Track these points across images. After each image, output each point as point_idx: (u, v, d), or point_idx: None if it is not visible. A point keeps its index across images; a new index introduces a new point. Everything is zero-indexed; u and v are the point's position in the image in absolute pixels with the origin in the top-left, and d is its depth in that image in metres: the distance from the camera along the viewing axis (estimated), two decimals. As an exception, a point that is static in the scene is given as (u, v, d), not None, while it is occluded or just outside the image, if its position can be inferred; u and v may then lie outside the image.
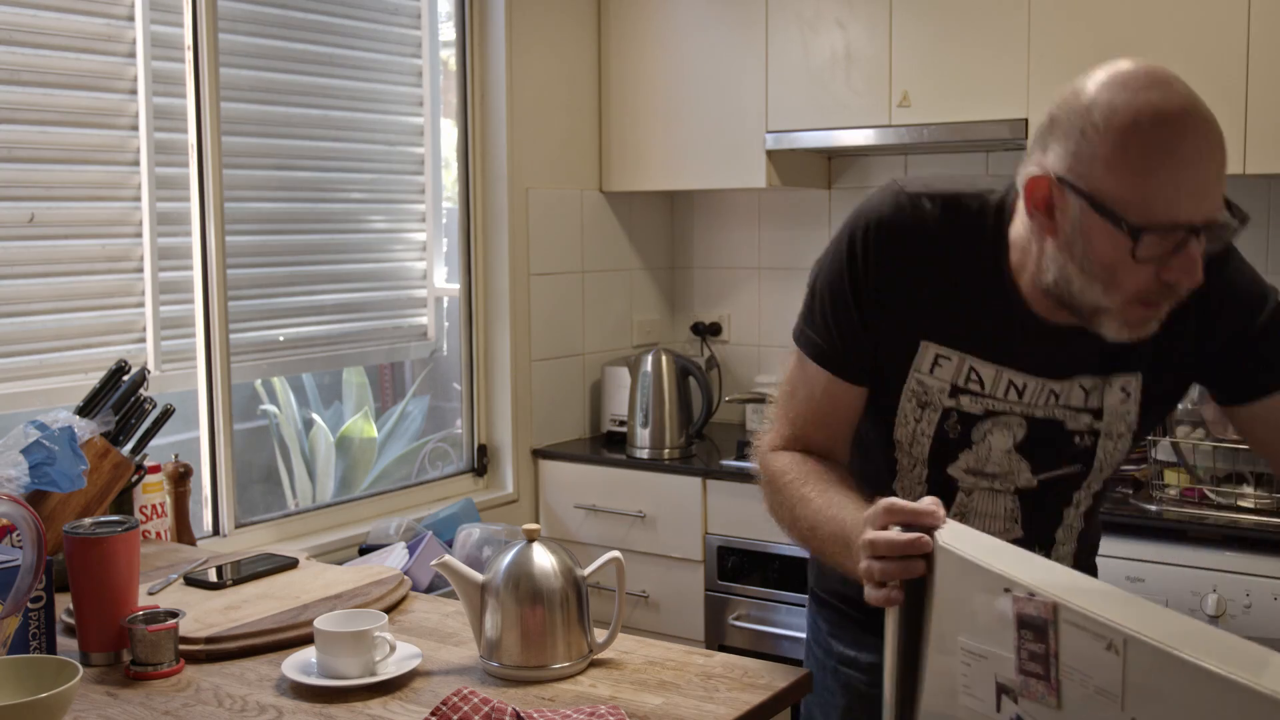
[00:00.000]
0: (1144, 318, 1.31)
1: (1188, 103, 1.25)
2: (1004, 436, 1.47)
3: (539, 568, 1.51)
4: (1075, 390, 1.45)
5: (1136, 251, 1.22)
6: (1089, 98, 1.29)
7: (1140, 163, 1.22)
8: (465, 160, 3.31)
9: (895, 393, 1.48)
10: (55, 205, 2.39)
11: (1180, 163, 1.21)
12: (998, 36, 2.88)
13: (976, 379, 1.45)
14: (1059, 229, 1.29)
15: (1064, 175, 1.27)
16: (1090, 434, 1.46)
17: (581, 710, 1.30)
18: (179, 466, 2.34)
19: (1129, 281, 1.26)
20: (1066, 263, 1.29)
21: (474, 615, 1.53)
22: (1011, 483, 1.49)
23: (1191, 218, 1.22)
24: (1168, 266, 1.24)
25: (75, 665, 1.33)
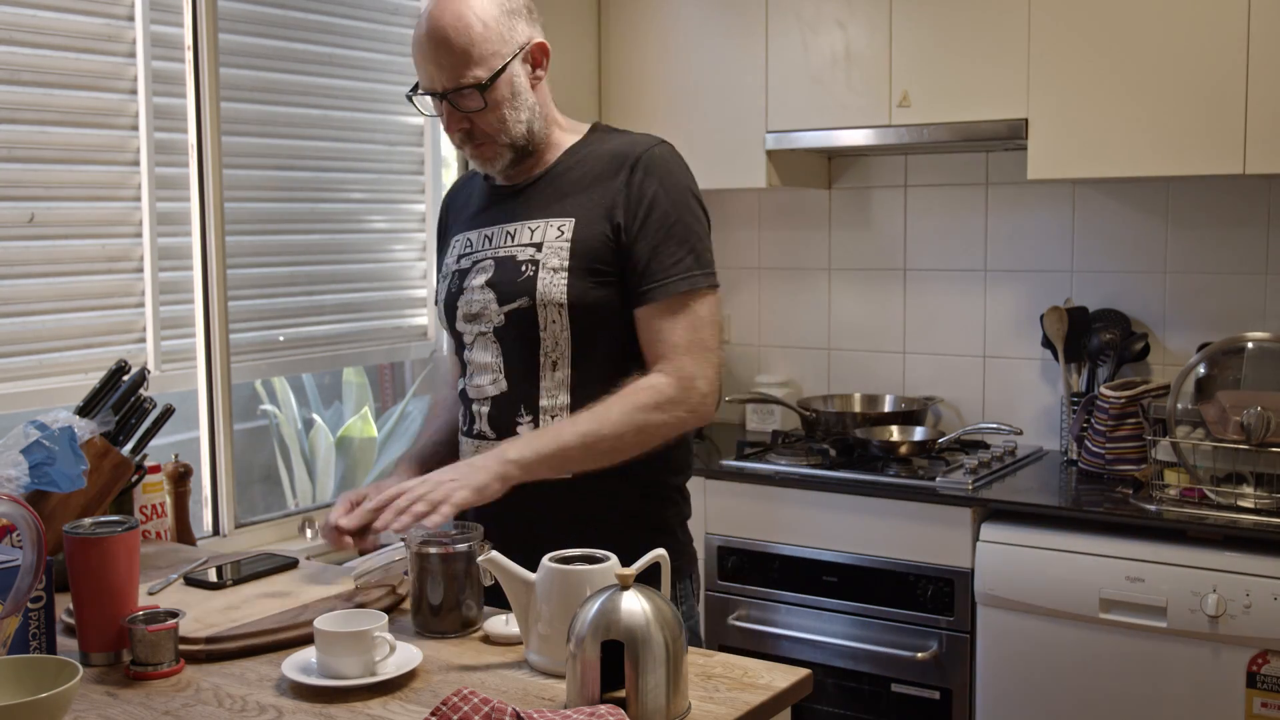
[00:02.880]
0: (474, 155, 1.87)
1: (434, 12, 1.79)
2: (480, 276, 1.87)
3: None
4: (524, 230, 1.86)
5: (418, 110, 1.93)
6: None
7: (412, 57, 1.85)
8: (465, 160, 3.31)
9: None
10: (55, 205, 2.39)
11: (418, 55, 1.81)
12: (998, 36, 2.88)
13: (469, 244, 1.92)
14: None
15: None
16: (532, 264, 1.81)
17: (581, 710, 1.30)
18: (179, 466, 2.34)
19: (444, 129, 1.85)
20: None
21: (520, 612, 1.54)
22: (489, 321, 1.84)
23: (429, 87, 1.82)
24: (441, 118, 1.84)
25: (75, 665, 1.33)
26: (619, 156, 1.85)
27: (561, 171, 1.88)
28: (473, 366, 1.89)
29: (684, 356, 1.79)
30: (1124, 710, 2.53)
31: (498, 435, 1.84)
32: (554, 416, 1.81)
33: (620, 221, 1.80)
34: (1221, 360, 2.68)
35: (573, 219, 1.83)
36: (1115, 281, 3.14)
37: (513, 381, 1.84)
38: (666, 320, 1.80)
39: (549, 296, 1.79)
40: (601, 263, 1.80)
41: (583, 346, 1.81)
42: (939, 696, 2.76)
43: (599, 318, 1.80)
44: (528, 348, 1.82)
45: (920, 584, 2.77)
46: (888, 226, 3.43)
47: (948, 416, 3.38)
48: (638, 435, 1.77)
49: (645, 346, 1.82)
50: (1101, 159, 2.78)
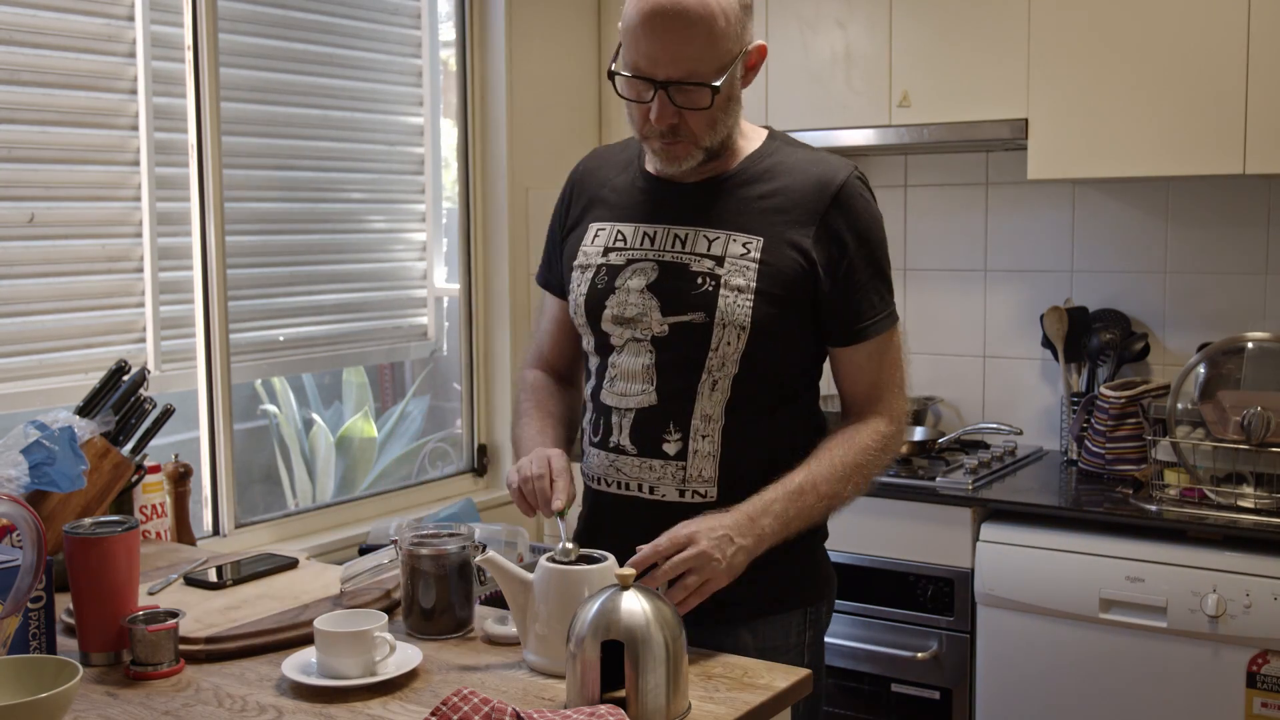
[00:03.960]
0: (664, 151, 1.69)
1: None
2: (639, 279, 1.73)
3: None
4: (700, 239, 1.72)
5: (616, 89, 1.69)
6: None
7: (624, 32, 1.65)
8: (465, 160, 3.31)
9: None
10: (55, 205, 2.39)
11: (644, 34, 1.61)
12: (998, 36, 2.88)
13: (622, 238, 1.77)
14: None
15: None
16: (711, 278, 1.69)
17: (581, 710, 1.30)
18: (179, 466, 2.34)
19: (634, 116, 1.69)
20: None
21: (518, 613, 1.53)
22: (647, 329, 1.71)
23: (649, 72, 1.62)
24: (645, 106, 1.65)
25: (75, 665, 1.33)
26: (817, 181, 1.71)
27: (745, 181, 1.74)
28: (616, 371, 1.75)
29: (895, 397, 1.77)
30: (1124, 710, 2.53)
31: (639, 451, 1.73)
32: (705, 437, 1.70)
33: (818, 255, 1.69)
34: (1221, 360, 2.68)
35: (761, 238, 1.69)
36: (1115, 281, 3.14)
37: (664, 395, 1.71)
38: (875, 360, 1.75)
39: (731, 317, 1.67)
40: (788, 289, 1.69)
41: (749, 370, 1.70)
42: (939, 696, 2.76)
43: (774, 343, 1.70)
44: (690, 363, 1.70)
45: (920, 584, 2.77)
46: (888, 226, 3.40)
47: (948, 416, 3.38)
48: (866, 485, 1.73)
49: (851, 384, 1.77)
50: (1101, 159, 2.78)
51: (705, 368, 1.70)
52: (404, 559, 1.66)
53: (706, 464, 1.71)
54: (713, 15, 1.59)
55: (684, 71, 1.61)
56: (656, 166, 1.76)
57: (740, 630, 1.73)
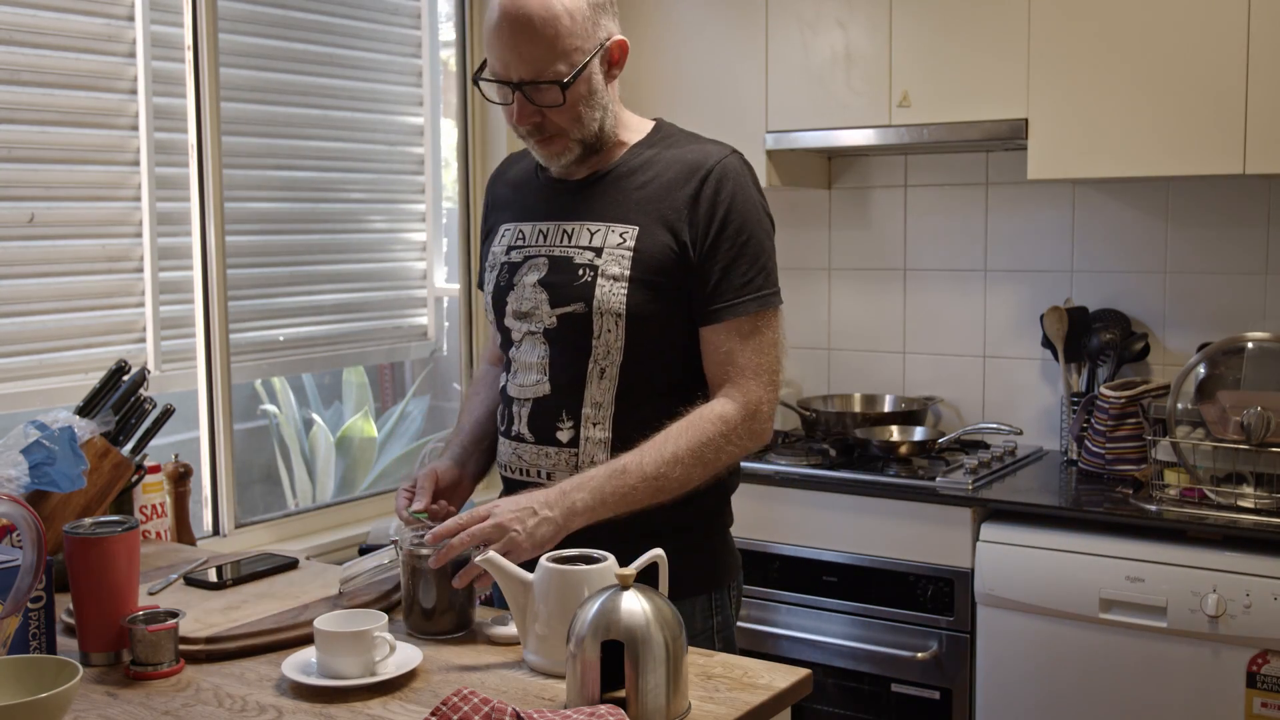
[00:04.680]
0: (540, 148, 1.79)
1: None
2: (533, 274, 1.81)
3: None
4: (583, 232, 1.79)
5: (483, 95, 1.83)
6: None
7: (484, 40, 1.74)
8: (465, 160, 3.31)
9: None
10: (55, 205, 2.39)
11: (495, 40, 1.71)
12: (998, 36, 2.88)
13: (521, 236, 1.86)
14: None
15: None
16: (590, 269, 1.76)
17: (581, 710, 1.30)
18: (179, 466, 2.34)
19: (506, 118, 1.77)
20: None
21: (518, 613, 1.54)
22: (540, 321, 1.79)
23: (504, 75, 1.72)
24: (510, 108, 1.75)
25: (75, 665, 1.33)
26: (689, 166, 1.78)
27: (625, 173, 1.81)
28: (517, 365, 1.83)
29: (751, 381, 1.75)
30: (1124, 710, 2.53)
31: (535, 439, 1.80)
32: (595, 424, 1.77)
33: (688, 236, 1.75)
34: (1221, 360, 2.68)
35: (636, 227, 1.76)
36: (1115, 281, 3.14)
37: (557, 385, 1.79)
38: (735, 342, 1.76)
39: (607, 305, 1.73)
40: (663, 275, 1.74)
41: (634, 356, 1.75)
42: (939, 696, 2.76)
43: (654, 329, 1.75)
44: (577, 353, 1.77)
45: (920, 584, 2.77)
46: (888, 226, 3.43)
47: (948, 416, 3.38)
48: (703, 470, 1.73)
49: (710, 365, 1.78)
50: (1101, 159, 2.78)
51: (591, 356, 1.76)
52: (404, 559, 1.66)
53: (598, 450, 1.77)
54: (555, 16, 1.68)
55: (533, 71, 1.70)
56: (541, 162, 1.85)
57: None
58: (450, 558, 1.60)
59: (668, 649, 1.34)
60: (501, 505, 1.63)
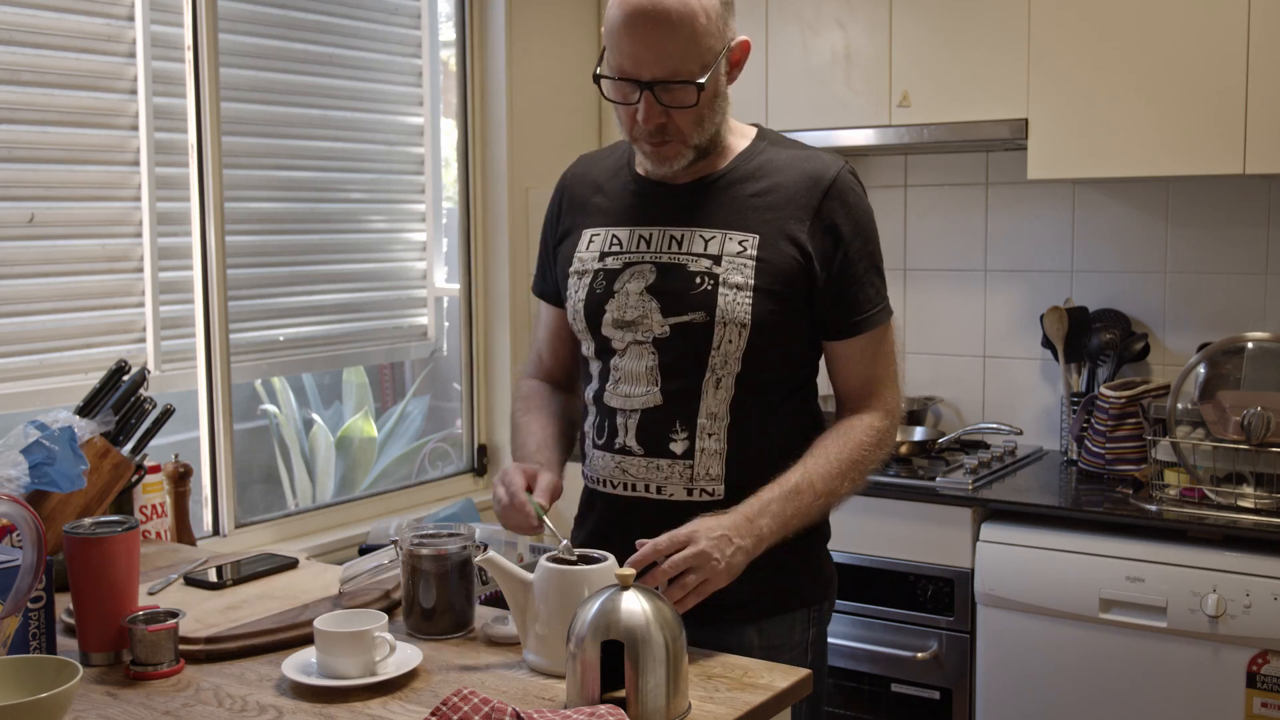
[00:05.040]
0: (654, 153, 1.70)
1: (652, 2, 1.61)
2: (638, 281, 1.73)
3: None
4: (696, 239, 1.73)
5: (603, 93, 1.71)
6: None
7: (607, 35, 1.67)
8: (465, 160, 3.31)
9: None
10: (55, 205, 2.39)
11: (626, 36, 1.62)
12: (998, 36, 2.88)
13: (617, 242, 1.77)
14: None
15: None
16: (709, 277, 1.70)
17: (581, 710, 1.30)
18: (179, 466, 2.34)
19: (622, 118, 1.70)
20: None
21: (518, 613, 1.53)
22: (649, 331, 1.72)
23: (634, 73, 1.63)
24: (632, 108, 1.66)
25: (75, 665, 1.33)
26: (809, 177, 1.73)
27: (737, 180, 1.75)
28: (619, 374, 1.75)
29: (889, 390, 1.77)
30: (1124, 710, 2.53)
31: (645, 451, 1.73)
32: (710, 435, 1.71)
33: (813, 249, 1.70)
34: (1221, 360, 2.68)
35: (758, 235, 1.70)
36: (1115, 281, 3.14)
37: (669, 395, 1.72)
38: (871, 353, 1.76)
39: (731, 315, 1.68)
40: (786, 285, 1.70)
41: (751, 366, 1.70)
42: (939, 696, 2.76)
43: (776, 339, 1.71)
44: (693, 362, 1.71)
45: (920, 584, 2.77)
46: (888, 226, 3.42)
47: (948, 416, 3.38)
48: (862, 481, 1.73)
49: (846, 378, 1.78)
50: (1101, 159, 2.78)
51: (708, 366, 1.70)
52: (404, 559, 1.66)
53: (713, 462, 1.72)
54: (693, 13, 1.61)
55: (668, 71, 1.63)
56: (647, 168, 1.77)
57: (745, 629, 1.73)
58: (659, 581, 1.52)
59: (668, 649, 1.34)
60: (700, 531, 1.56)
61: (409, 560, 1.65)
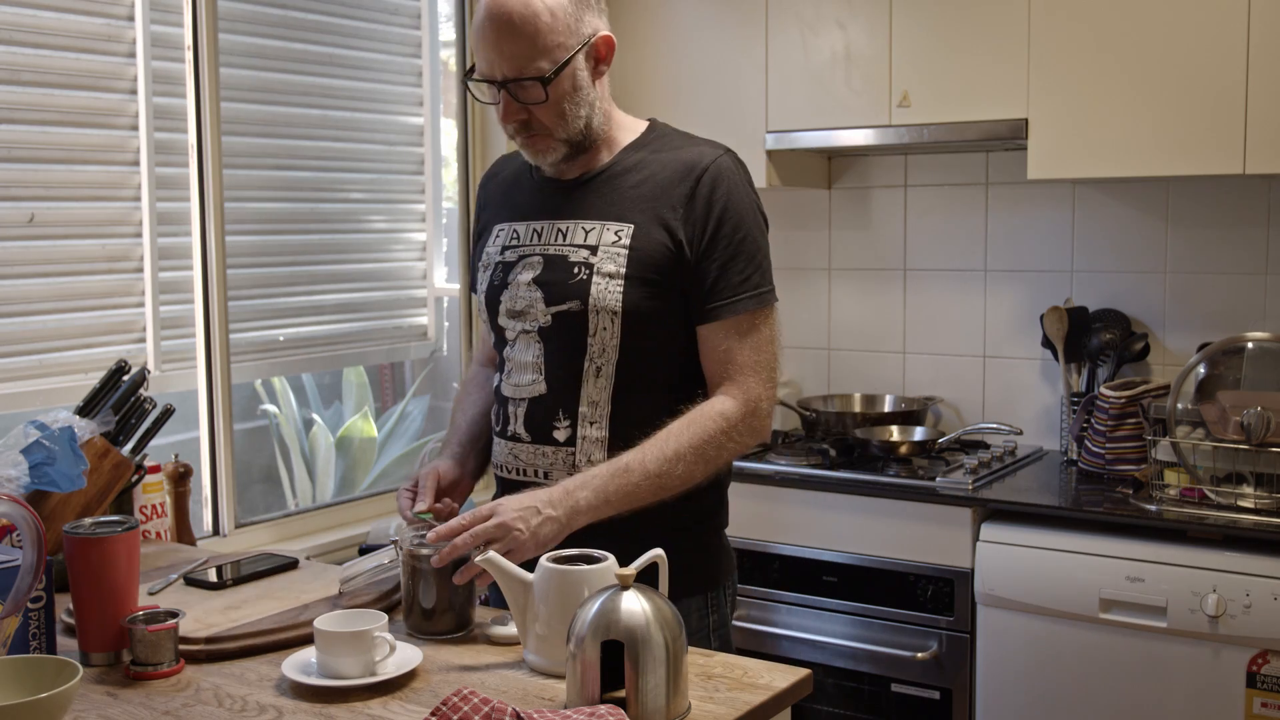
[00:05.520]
0: (527, 147, 1.80)
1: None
2: (528, 272, 1.81)
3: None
4: (578, 230, 1.80)
5: (473, 95, 1.88)
6: None
7: (471, 40, 1.77)
8: (465, 160, 3.31)
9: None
10: (55, 205, 2.39)
11: (479, 39, 1.73)
12: (998, 36, 2.88)
13: (516, 235, 1.86)
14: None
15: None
16: (585, 267, 1.76)
17: (581, 710, 1.30)
18: (179, 466, 2.34)
19: (498, 117, 1.78)
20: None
21: (518, 613, 1.54)
22: (534, 320, 1.79)
23: (489, 74, 1.74)
24: (498, 108, 1.77)
25: (75, 665, 1.33)
26: (684, 165, 1.79)
27: (619, 172, 1.82)
28: (512, 364, 1.83)
29: (750, 378, 1.77)
30: (1124, 710, 2.53)
31: (532, 438, 1.81)
32: (592, 423, 1.77)
33: (684, 235, 1.75)
34: (1221, 360, 2.68)
35: (632, 225, 1.77)
36: (1115, 281, 3.14)
37: (553, 384, 1.79)
38: (734, 340, 1.77)
39: (603, 303, 1.74)
40: (659, 273, 1.75)
41: (629, 354, 1.76)
42: (939, 696, 2.76)
43: (650, 327, 1.76)
44: (573, 351, 1.77)
45: (920, 584, 2.77)
46: (888, 226, 3.43)
47: (948, 416, 3.38)
48: (705, 467, 1.74)
49: (709, 363, 1.79)
50: (1101, 159, 2.78)
51: (587, 355, 1.77)
52: (404, 559, 1.66)
53: (595, 449, 1.77)
54: (535, 13, 1.69)
55: (516, 69, 1.71)
56: (530, 161, 1.85)
57: None
58: (453, 557, 1.60)
59: (668, 649, 1.34)
60: (504, 504, 1.63)
61: (409, 560, 1.65)
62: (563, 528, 1.64)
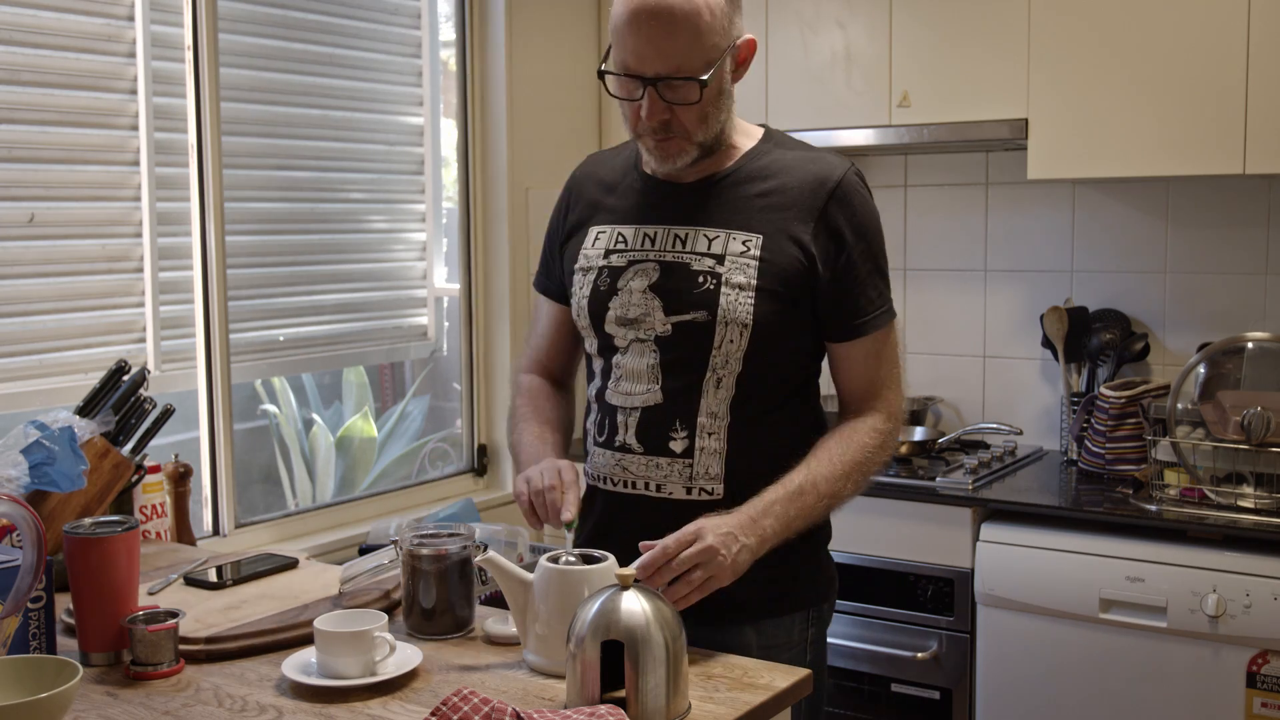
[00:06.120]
0: (658, 149, 1.71)
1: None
2: (641, 279, 1.74)
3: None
4: (699, 238, 1.73)
5: (607, 89, 1.72)
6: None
7: (612, 31, 1.71)
8: (465, 160, 3.31)
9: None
10: (55, 205, 2.39)
11: (630, 32, 1.65)
12: (998, 36, 2.88)
13: (622, 239, 1.78)
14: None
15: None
16: (712, 277, 1.70)
17: (581, 710, 1.30)
18: (179, 466, 2.34)
19: (627, 115, 1.71)
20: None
21: (518, 613, 1.53)
22: (651, 329, 1.73)
23: (638, 70, 1.65)
24: (637, 104, 1.67)
25: (75, 665, 1.33)
26: (815, 178, 1.73)
27: (743, 179, 1.76)
28: (621, 372, 1.76)
29: (891, 392, 1.78)
30: (1124, 710, 2.53)
31: (645, 450, 1.74)
32: (710, 434, 1.72)
33: (817, 250, 1.71)
34: (1221, 360, 2.68)
35: (761, 235, 1.71)
36: (1115, 281, 3.14)
37: (669, 394, 1.72)
38: (874, 355, 1.76)
39: (733, 314, 1.68)
40: (789, 286, 1.70)
41: (753, 367, 1.71)
42: (939, 696, 2.76)
43: (777, 340, 1.72)
44: (694, 361, 1.71)
45: (920, 584, 2.77)
46: (888, 226, 3.40)
47: (948, 416, 3.38)
48: (865, 483, 1.74)
49: (849, 379, 1.78)
50: (1101, 159, 2.78)
51: (709, 365, 1.71)
52: (404, 559, 1.66)
53: (713, 461, 1.72)
54: (697, 10, 1.62)
55: (671, 67, 1.64)
56: (653, 166, 1.77)
57: (744, 629, 1.73)
58: (671, 575, 1.51)
59: (668, 649, 1.34)
60: (706, 528, 1.55)
61: (409, 560, 1.65)
62: (753, 556, 1.59)
